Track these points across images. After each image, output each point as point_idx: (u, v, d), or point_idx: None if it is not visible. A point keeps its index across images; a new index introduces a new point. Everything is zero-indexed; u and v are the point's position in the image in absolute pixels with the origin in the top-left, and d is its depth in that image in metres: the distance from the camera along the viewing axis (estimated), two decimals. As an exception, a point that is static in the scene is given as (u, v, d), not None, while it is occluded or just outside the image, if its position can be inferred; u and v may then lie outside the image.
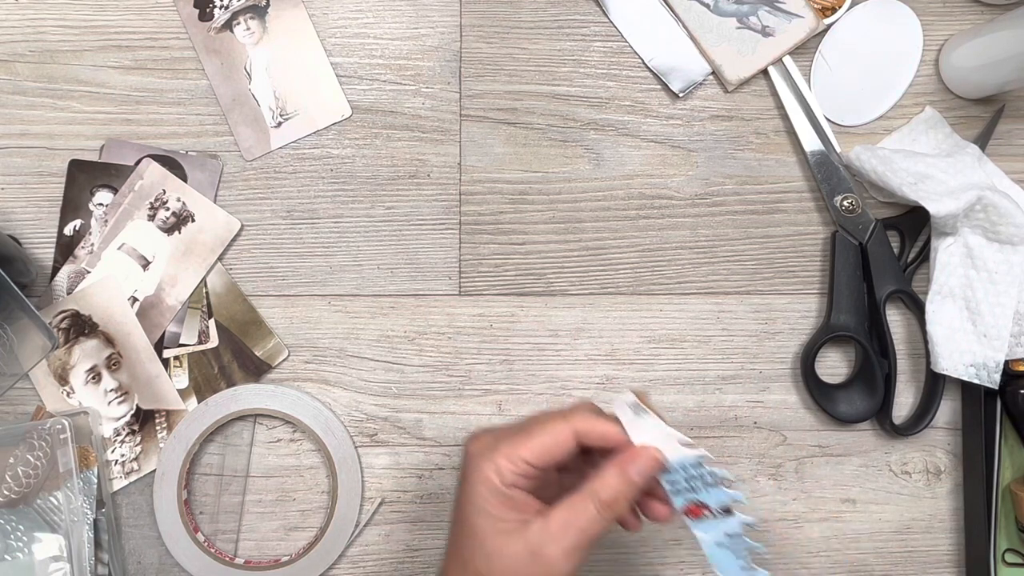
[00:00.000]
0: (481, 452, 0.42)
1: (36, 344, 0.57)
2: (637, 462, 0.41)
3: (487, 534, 0.40)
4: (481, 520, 0.41)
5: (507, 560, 0.40)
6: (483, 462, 0.41)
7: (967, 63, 0.58)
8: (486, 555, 0.40)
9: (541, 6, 0.60)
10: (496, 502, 0.41)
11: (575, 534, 0.40)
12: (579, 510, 0.41)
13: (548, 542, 0.40)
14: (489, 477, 0.41)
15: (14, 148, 0.58)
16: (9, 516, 0.54)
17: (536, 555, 0.40)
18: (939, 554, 0.59)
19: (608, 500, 0.41)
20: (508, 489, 0.41)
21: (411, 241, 0.59)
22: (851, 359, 0.60)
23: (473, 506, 0.41)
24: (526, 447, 0.41)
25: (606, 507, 0.41)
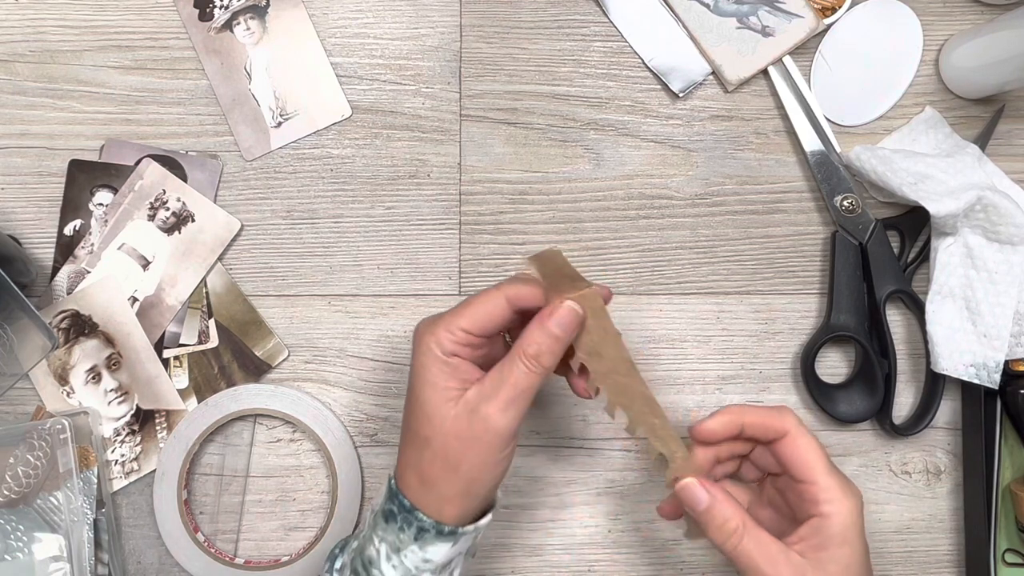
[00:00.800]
0: (425, 329, 0.44)
1: (36, 344, 0.57)
2: (555, 315, 0.43)
3: (432, 402, 0.43)
4: (427, 390, 0.43)
5: (449, 422, 0.43)
6: (426, 336, 0.44)
7: (967, 63, 0.58)
8: (430, 420, 0.43)
9: (541, 6, 0.60)
10: (438, 371, 0.43)
11: (507, 389, 0.42)
12: (508, 367, 0.43)
13: (483, 400, 0.42)
14: (431, 348, 0.43)
15: (14, 148, 0.58)
16: (9, 516, 0.54)
17: (474, 413, 0.42)
18: (939, 554, 0.59)
19: (533, 353, 0.43)
20: (449, 358, 0.43)
21: (411, 241, 0.59)
22: (851, 359, 0.60)
23: (419, 378, 0.44)
24: (463, 316, 0.44)
25: (531, 359, 0.43)
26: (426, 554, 0.44)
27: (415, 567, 0.44)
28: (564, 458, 0.59)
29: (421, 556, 0.44)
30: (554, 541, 0.59)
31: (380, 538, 0.44)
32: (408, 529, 0.44)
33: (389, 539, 0.44)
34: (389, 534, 0.44)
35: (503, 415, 0.42)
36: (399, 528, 0.44)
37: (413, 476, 0.44)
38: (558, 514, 0.59)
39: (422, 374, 0.44)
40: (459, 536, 0.44)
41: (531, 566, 0.59)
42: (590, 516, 0.59)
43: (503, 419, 0.42)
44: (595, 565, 0.59)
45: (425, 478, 0.43)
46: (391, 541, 0.44)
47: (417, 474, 0.44)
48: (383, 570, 0.44)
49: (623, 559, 0.59)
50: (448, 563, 0.45)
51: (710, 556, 0.59)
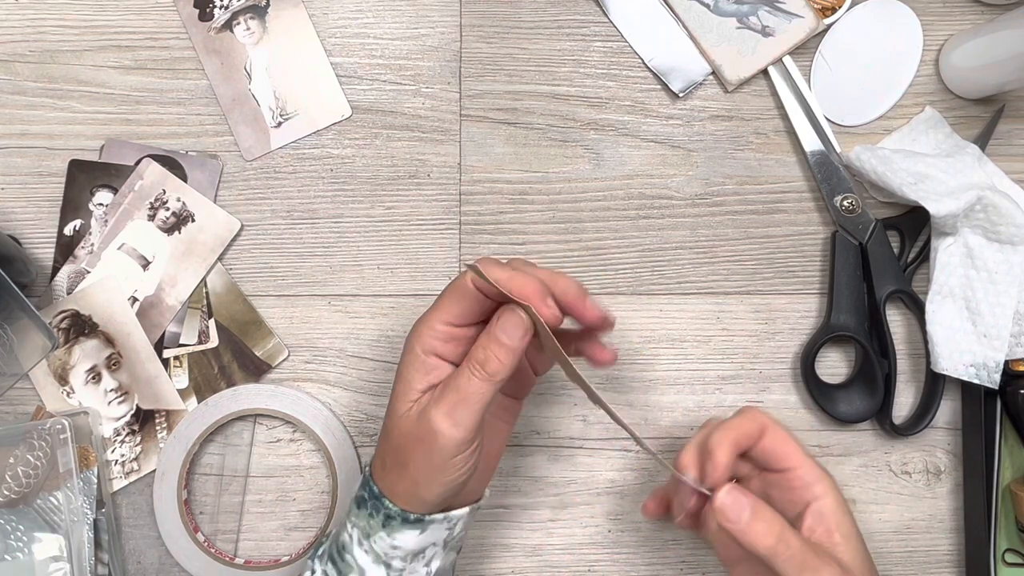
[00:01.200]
0: (413, 327, 0.45)
1: (36, 344, 0.57)
2: (501, 322, 0.42)
3: (397, 396, 0.44)
4: (399, 385, 0.44)
5: (402, 420, 0.43)
6: (411, 335, 0.44)
7: (967, 63, 0.58)
8: (391, 413, 0.44)
9: (541, 6, 0.60)
10: (413, 369, 0.44)
11: (452, 393, 0.42)
12: (458, 373, 0.43)
13: (432, 403, 0.42)
14: (413, 347, 0.44)
15: (14, 148, 0.58)
16: (9, 516, 0.54)
17: (422, 415, 0.43)
18: (939, 554, 0.59)
19: (480, 359, 0.42)
20: (428, 357, 0.44)
21: (411, 241, 0.59)
22: (851, 359, 0.60)
23: (397, 373, 0.44)
24: (437, 311, 0.44)
25: (479, 366, 0.42)
26: (394, 541, 0.44)
27: (384, 553, 0.44)
28: (564, 458, 0.59)
29: (389, 543, 0.44)
30: (554, 541, 0.59)
31: (353, 524, 0.45)
32: (376, 515, 0.44)
33: (360, 524, 0.45)
34: (360, 520, 0.45)
35: (447, 419, 0.42)
36: (369, 514, 0.45)
37: (379, 465, 0.45)
38: (558, 514, 0.59)
39: (400, 369, 0.44)
40: (427, 524, 0.44)
41: (531, 566, 0.59)
42: (590, 516, 0.59)
43: (446, 424, 0.42)
44: (595, 565, 0.59)
45: (386, 467, 0.44)
46: (362, 527, 0.45)
47: (382, 463, 0.45)
48: (355, 555, 0.45)
49: (623, 559, 0.59)
50: (421, 551, 0.45)
51: (711, 556, 0.59)
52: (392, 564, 0.45)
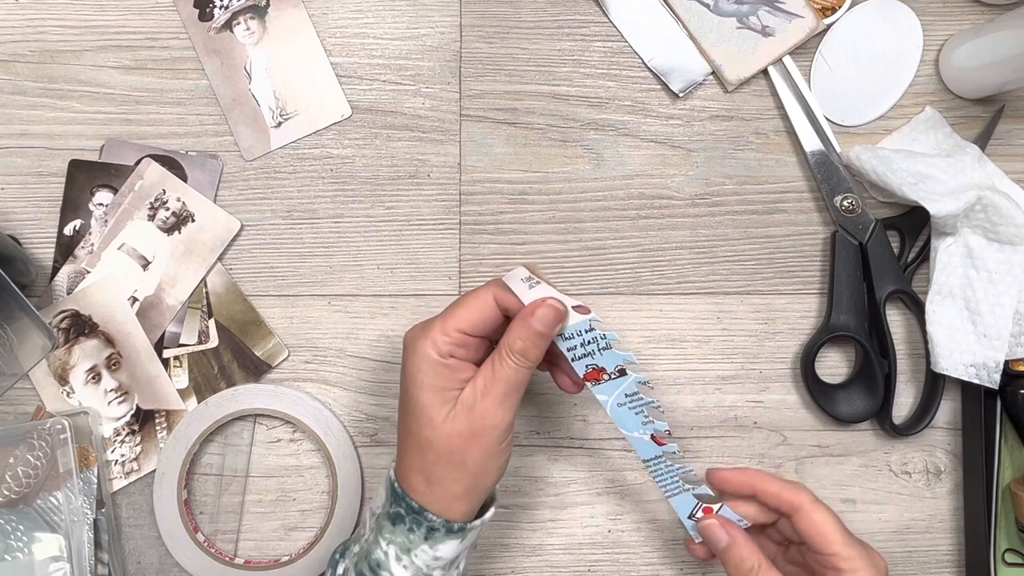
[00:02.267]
0: (417, 334, 0.46)
1: (36, 344, 0.57)
2: (537, 312, 0.44)
3: (431, 405, 0.44)
4: (425, 394, 0.45)
5: (448, 423, 0.44)
6: (419, 341, 0.45)
7: (967, 63, 0.58)
8: (431, 422, 0.44)
9: (541, 6, 0.60)
10: (435, 374, 0.45)
11: (499, 384, 0.44)
12: (498, 364, 0.45)
13: (478, 397, 0.44)
14: (427, 352, 0.45)
15: (14, 148, 0.58)
16: (9, 516, 0.54)
17: (471, 410, 0.44)
18: (939, 554, 0.59)
19: (519, 348, 0.44)
20: (445, 359, 0.45)
21: (411, 241, 0.59)
22: (851, 359, 0.60)
23: (415, 383, 0.45)
24: (455, 318, 0.45)
25: (519, 355, 0.44)
26: (437, 552, 0.45)
27: (426, 565, 0.45)
28: (564, 458, 0.59)
29: (432, 555, 0.45)
30: (554, 541, 0.59)
31: (388, 540, 0.45)
32: (418, 530, 0.45)
33: (398, 541, 0.45)
34: (398, 536, 0.45)
35: (499, 409, 0.44)
36: (408, 529, 0.45)
37: (418, 478, 0.45)
38: (558, 514, 0.59)
39: (418, 378, 0.45)
40: (468, 532, 0.45)
41: (531, 566, 0.59)
42: (590, 516, 0.59)
43: (499, 412, 0.44)
44: (595, 565, 0.59)
45: (432, 478, 0.44)
46: (400, 543, 0.45)
47: (423, 476, 0.45)
48: (394, 571, 0.45)
49: (623, 559, 0.59)
50: (456, 558, 0.46)
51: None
52: (432, 575, 0.45)
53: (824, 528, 0.46)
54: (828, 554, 0.46)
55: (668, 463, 0.48)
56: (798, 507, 0.47)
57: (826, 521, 0.46)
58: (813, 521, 0.46)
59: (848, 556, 0.46)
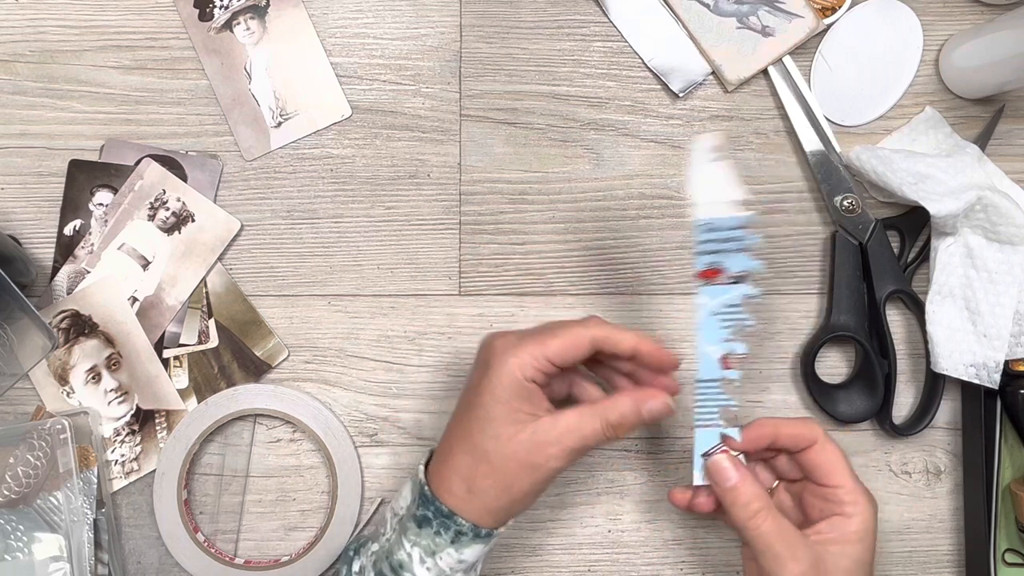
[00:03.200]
0: (507, 348, 0.45)
1: (36, 344, 0.57)
2: (651, 403, 0.46)
3: (501, 420, 0.45)
4: (498, 407, 0.45)
5: (512, 445, 0.44)
6: (509, 357, 0.45)
7: (967, 63, 0.58)
8: (496, 437, 0.45)
9: (541, 6, 0.60)
10: (514, 393, 0.45)
11: (576, 439, 0.45)
12: (586, 421, 0.45)
13: (552, 438, 0.45)
14: (513, 371, 0.45)
15: (14, 148, 0.58)
16: (9, 516, 0.54)
17: (538, 445, 0.44)
18: (939, 554, 0.59)
19: (614, 423, 0.45)
20: (528, 384, 0.45)
21: (411, 241, 0.59)
22: (851, 359, 0.60)
23: (492, 395, 0.45)
24: (549, 347, 0.45)
25: (610, 428, 0.45)
26: (462, 555, 0.46)
27: (449, 568, 0.46)
28: (564, 458, 0.59)
29: (457, 557, 0.45)
30: (554, 541, 0.59)
31: (412, 542, 0.46)
32: (445, 533, 0.45)
33: (423, 543, 0.45)
34: (423, 539, 0.45)
35: (561, 458, 0.45)
36: (435, 532, 0.45)
37: (461, 483, 0.45)
38: (558, 514, 0.59)
39: (497, 391, 0.45)
40: (494, 537, 0.46)
41: (531, 566, 0.59)
42: (590, 516, 0.59)
43: (559, 462, 0.45)
44: (595, 565, 0.59)
45: (475, 488, 0.45)
46: (425, 545, 0.45)
47: (467, 482, 0.45)
48: (416, 573, 0.45)
49: (623, 559, 0.59)
50: (476, 561, 0.47)
51: (711, 556, 0.59)
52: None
53: (836, 463, 0.47)
54: (835, 486, 0.47)
55: (719, 390, 0.47)
56: (813, 440, 0.47)
57: (839, 457, 0.47)
58: (827, 453, 0.47)
59: (853, 489, 0.47)
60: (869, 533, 0.46)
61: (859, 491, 0.47)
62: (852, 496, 0.46)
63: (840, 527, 0.46)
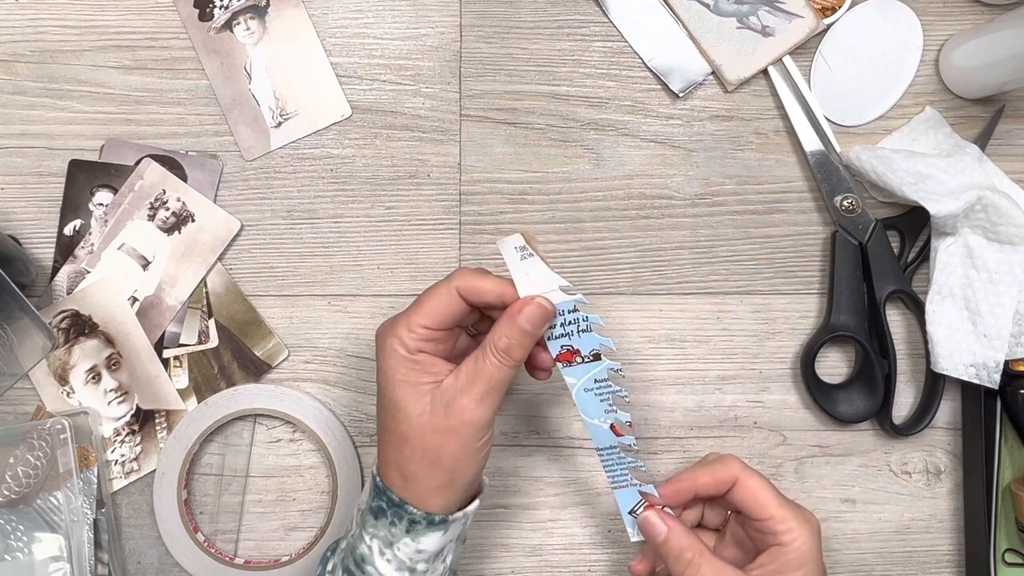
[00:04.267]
0: (385, 331, 0.45)
1: (36, 344, 0.57)
2: (525, 310, 0.44)
3: (405, 400, 0.44)
4: (399, 390, 0.44)
5: (425, 417, 0.44)
6: (388, 339, 0.45)
7: (967, 63, 0.58)
8: (407, 417, 0.44)
9: (541, 6, 0.60)
10: (406, 369, 0.44)
11: (482, 382, 0.44)
12: (481, 361, 0.44)
13: (459, 393, 0.44)
14: (395, 349, 0.44)
15: (14, 148, 0.58)
16: (9, 516, 0.54)
17: (450, 405, 0.44)
18: (939, 554, 0.60)
19: (504, 346, 0.44)
20: (414, 355, 0.44)
21: (411, 241, 0.59)
22: (851, 359, 0.60)
23: (388, 379, 0.45)
24: (418, 314, 0.45)
25: (503, 353, 0.44)
26: (419, 545, 0.45)
27: (408, 559, 0.45)
28: (564, 458, 0.59)
29: (414, 547, 0.45)
30: (554, 541, 0.59)
31: (371, 535, 0.45)
32: (399, 523, 0.45)
33: (381, 535, 0.45)
34: (380, 530, 0.45)
35: (479, 406, 0.44)
36: (390, 523, 0.45)
37: (395, 473, 0.45)
38: (558, 514, 0.59)
39: (391, 375, 0.45)
40: (449, 524, 0.45)
41: (531, 566, 0.59)
42: (590, 516, 0.59)
43: (479, 410, 0.44)
44: (595, 565, 0.59)
45: (407, 474, 0.44)
46: (383, 536, 0.45)
47: (399, 471, 0.45)
48: (377, 566, 0.45)
49: (623, 559, 0.59)
50: (440, 551, 0.46)
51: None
52: (416, 568, 0.45)
53: (758, 494, 0.47)
54: (764, 519, 0.46)
55: (621, 455, 0.47)
56: (733, 480, 0.47)
57: (759, 487, 0.47)
58: (748, 488, 0.47)
59: (783, 517, 0.46)
60: (809, 557, 0.46)
61: (790, 517, 0.46)
62: (784, 524, 0.46)
63: (779, 557, 0.46)
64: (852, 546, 0.59)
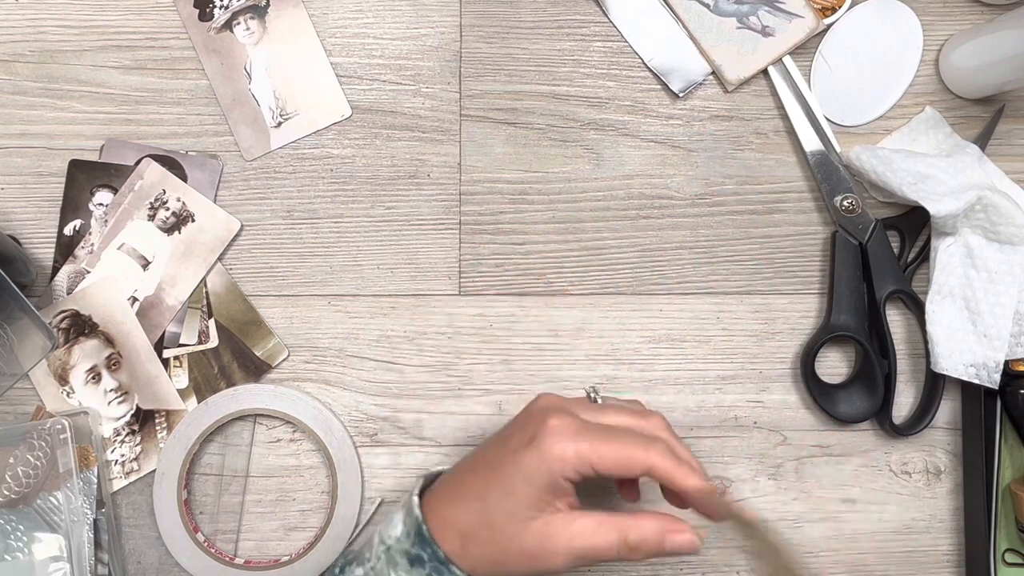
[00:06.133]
0: (560, 434, 0.42)
1: (36, 344, 0.57)
2: (678, 537, 0.42)
3: (522, 501, 0.42)
4: (525, 489, 0.42)
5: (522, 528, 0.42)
6: (556, 445, 0.42)
7: (967, 63, 0.58)
8: (510, 514, 0.42)
9: (541, 6, 0.60)
10: (546, 484, 0.42)
11: (587, 546, 0.42)
12: (603, 531, 0.42)
13: (562, 538, 0.42)
14: (554, 465, 0.42)
15: (14, 148, 0.58)
16: (9, 516, 0.54)
17: (547, 538, 0.42)
18: (939, 554, 0.60)
19: (633, 544, 0.42)
20: (564, 482, 0.42)
21: (411, 241, 0.59)
22: (851, 359, 0.60)
23: (524, 475, 0.42)
24: (602, 455, 0.42)
25: (627, 547, 0.42)
26: None
27: None
28: (564, 458, 0.59)
29: None
30: (554, 541, 0.59)
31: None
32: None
33: None
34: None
35: (565, 560, 0.42)
36: (427, 574, 0.43)
37: (457, 539, 0.43)
38: (558, 514, 0.59)
39: (531, 475, 0.42)
40: None
41: (531, 566, 0.59)
42: (590, 516, 0.59)
43: (563, 562, 0.42)
44: (595, 565, 0.59)
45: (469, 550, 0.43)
46: None
47: (463, 540, 0.43)
48: None
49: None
50: None
51: (710, 556, 0.59)
52: None
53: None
54: None
55: None
56: None
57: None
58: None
59: None
60: None
61: None
62: None
63: None
64: (852, 546, 0.59)
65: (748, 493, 0.59)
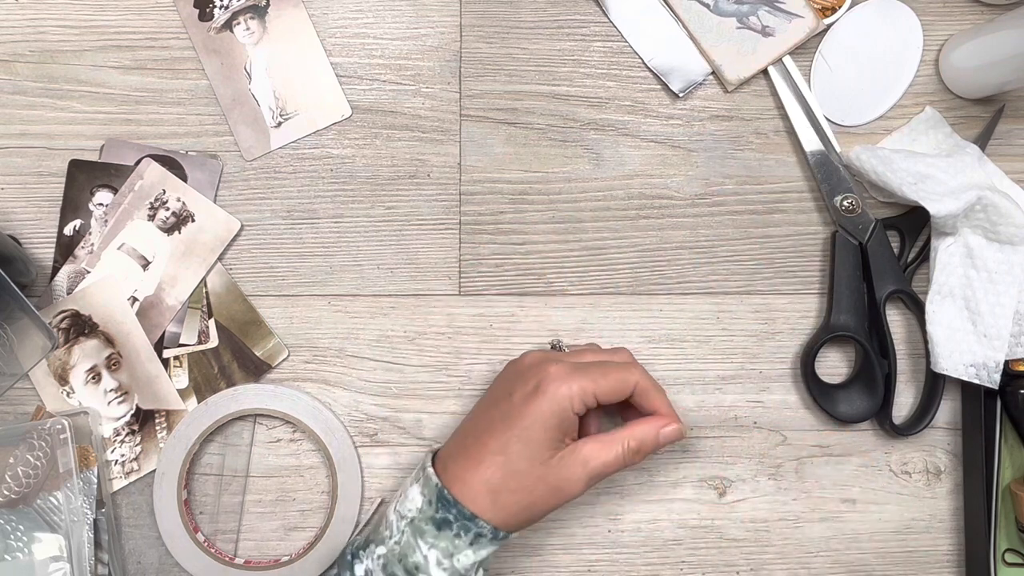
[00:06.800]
0: (561, 377, 0.48)
1: (36, 344, 0.57)
2: (667, 429, 0.50)
3: (540, 443, 0.47)
4: (542, 432, 0.47)
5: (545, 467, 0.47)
6: (562, 386, 0.47)
7: (967, 63, 0.58)
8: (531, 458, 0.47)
9: (541, 6, 0.60)
10: (560, 421, 0.47)
11: (598, 465, 0.48)
12: (608, 448, 0.48)
13: (577, 464, 0.48)
14: (564, 401, 0.47)
15: (14, 148, 0.58)
16: (9, 516, 0.54)
17: (566, 468, 0.47)
18: (939, 554, 0.60)
19: (634, 448, 0.49)
20: (575, 416, 0.48)
21: (411, 241, 0.59)
22: (851, 359, 0.60)
23: (539, 419, 0.47)
24: (599, 385, 0.48)
25: (630, 453, 0.49)
26: (478, 556, 0.47)
27: (464, 569, 0.47)
28: (564, 458, 0.59)
29: (474, 558, 0.47)
30: (554, 541, 0.59)
31: (431, 544, 0.47)
32: (465, 535, 0.47)
33: (442, 545, 0.46)
34: (442, 540, 0.47)
35: (582, 482, 0.48)
36: (455, 535, 0.47)
37: (487, 494, 0.47)
38: (558, 514, 0.59)
39: (546, 417, 0.47)
40: (508, 539, 0.48)
41: (531, 566, 0.59)
42: (590, 516, 0.59)
43: (582, 486, 0.48)
44: (595, 565, 0.59)
45: (500, 501, 0.47)
46: (443, 547, 0.47)
47: (493, 495, 0.47)
48: (432, 574, 0.46)
49: (623, 559, 0.59)
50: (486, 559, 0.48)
51: (710, 556, 0.59)
52: None
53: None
54: None
55: None
56: None
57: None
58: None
59: None
60: None
61: None
62: None
63: None
64: (852, 546, 0.59)
65: (748, 493, 0.59)
